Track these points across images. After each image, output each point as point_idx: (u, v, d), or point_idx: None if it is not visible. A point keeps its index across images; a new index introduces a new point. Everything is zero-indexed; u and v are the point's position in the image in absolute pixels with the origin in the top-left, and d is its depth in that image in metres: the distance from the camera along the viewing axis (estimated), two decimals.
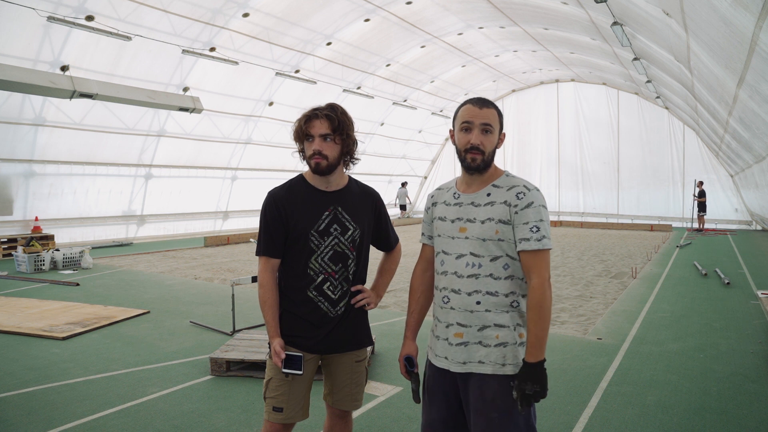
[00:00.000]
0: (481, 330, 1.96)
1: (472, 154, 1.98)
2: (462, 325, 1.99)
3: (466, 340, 1.97)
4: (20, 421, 3.52)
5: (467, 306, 1.97)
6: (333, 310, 2.25)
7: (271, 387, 2.23)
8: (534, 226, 1.92)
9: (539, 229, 1.92)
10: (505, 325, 1.95)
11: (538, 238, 1.91)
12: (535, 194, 1.97)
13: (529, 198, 1.95)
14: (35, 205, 12.65)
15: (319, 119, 2.18)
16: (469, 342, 1.97)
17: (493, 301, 1.95)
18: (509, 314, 1.96)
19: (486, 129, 1.98)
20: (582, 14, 12.14)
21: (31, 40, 10.52)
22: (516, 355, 1.94)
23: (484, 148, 1.98)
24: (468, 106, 2.02)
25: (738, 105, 8.06)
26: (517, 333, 1.96)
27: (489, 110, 2.00)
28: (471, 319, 1.97)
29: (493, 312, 1.95)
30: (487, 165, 2.02)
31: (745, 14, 4.35)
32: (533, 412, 1.96)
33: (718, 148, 16.95)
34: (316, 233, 2.21)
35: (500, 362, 1.93)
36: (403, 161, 24.92)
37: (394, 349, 5.07)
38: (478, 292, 1.96)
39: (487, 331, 1.95)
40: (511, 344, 1.94)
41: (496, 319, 1.95)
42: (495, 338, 1.94)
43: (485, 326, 1.95)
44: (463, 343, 1.98)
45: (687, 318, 6.27)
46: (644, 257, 11.96)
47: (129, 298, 7.41)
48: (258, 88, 15.63)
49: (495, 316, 1.95)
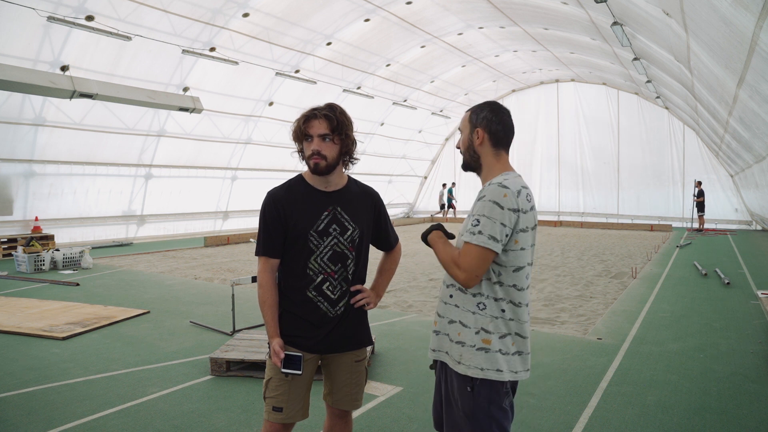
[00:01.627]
0: (450, 324, 2.02)
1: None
2: (438, 315, 2.08)
3: (438, 329, 2.07)
4: (20, 421, 3.52)
5: (444, 298, 2.07)
6: (332, 310, 2.24)
7: (270, 387, 2.23)
8: (475, 219, 1.89)
9: (479, 222, 1.87)
10: (468, 325, 1.96)
11: (473, 232, 1.87)
12: (493, 189, 1.90)
13: (484, 191, 1.94)
14: (35, 205, 12.64)
15: (318, 119, 2.18)
16: (440, 332, 2.05)
17: (462, 298, 1.99)
18: (474, 315, 1.95)
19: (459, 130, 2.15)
20: (582, 14, 12.14)
21: (31, 40, 10.52)
22: (472, 357, 1.92)
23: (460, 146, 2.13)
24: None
25: (738, 105, 8.06)
26: (480, 338, 1.92)
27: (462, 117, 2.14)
28: (444, 311, 2.05)
29: (460, 308, 1.99)
30: (467, 165, 2.12)
31: (745, 14, 4.35)
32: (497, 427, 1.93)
33: (718, 148, 16.95)
34: (316, 233, 2.21)
35: (456, 359, 1.97)
36: (403, 161, 24.91)
37: (394, 349, 5.07)
38: (453, 286, 2.03)
39: (453, 326, 2.00)
40: (469, 346, 1.94)
41: (461, 316, 1.98)
42: (457, 335, 1.98)
43: (452, 321, 2.01)
44: (436, 331, 2.08)
45: (687, 318, 6.27)
46: (644, 257, 11.96)
47: (129, 298, 7.41)
48: (258, 88, 15.63)
49: (461, 313, 1.99)
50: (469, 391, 1.92)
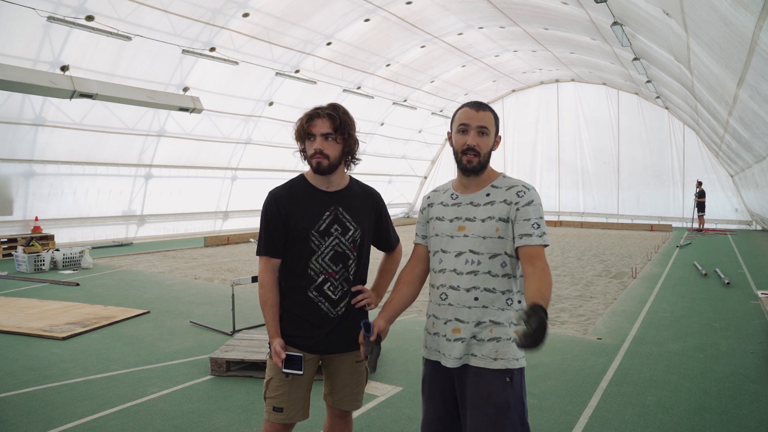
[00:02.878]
0: (477, 325, 2.01)
1: (468, 156, 2.04)
2: (459, 320, 2.04)
3: (463, 335, 2.02)
4: (20, 421, 3.52)
5: (465, 302, 2.03)
6: (333, 311, 2.24)
7: (271, 387, 2.23)
8: (535, 223, 1.99)
9: (539, 225, 2.00)
10: (500, 321, 2.00)
11: (540, 234, 1.98)
12: (534, 193, 2.05)
13: (529, 196, 2.03)
14: (35, 205, 12.64)
15: (321, 118, 2.18)
16: (465, 337, 2.02)
17: (491, 298, 2.01)
18: (504, 312, 2.02)
19: (482, 131, 2.05)
20: (582, 14, 12.14)
21: (31, 40, 10.51)
22: (509, 350, 1.98)
23: (480, 149, 2.04)
24: (465, 109, 2.09)
25: (738, 105, 8.06)
26: (512, 330, 2.01)
27: (485, 113, 2.06)
28: (469, 315, 2.02)
29: (489, 308, 2.01)
30: (483, 167, 2.08)
31: (745, 14, 4.35)
32: (526, 410, 2.02)
33: (718, 148, 16.95)
34: (317, 233, 2.21)
35: (492, 356, 1.98)
36: (403, 161, 24.91)
37: (394, 349, 5.07)
38: (476, 289, 2.02)
39: (482, 327, 2.01)
40: (504, 339, 1.99)
41: (492, 315, 2.01)
42: (489, 333, 2.00)
43: (481, 322, 2.01)
44: (460, 338, 2.02)
45: (687, 318, 6.27)
46: (644, 257, 11.96)
47: (129, 298, 7.41)
48: (258, 88, 15.63)
49: (492, 312, 2.01)
50: (507, 382, 1.97)
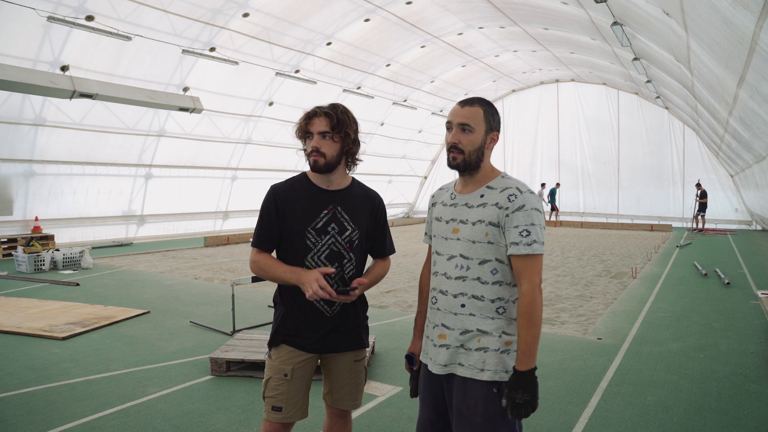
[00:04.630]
0: (463, 334, 1.93)
1: (453, 153, 1.98)
2: (446, 326, 1.97)
3: (448, 342, 1.95)
4: (20, 421, 3.52)
5: (452, 308, 1.96)
6: (329, 310, 2.24)
7: (270, 386, 2.23)
8: (524, 230, 1.86)
9: (529, 233, 1.85)
10: (488, 331, 1.91)
11: (528, 242, 1.85)
12: (527, 197, 1.90)
13: (521, 200, 1.89)
14: (35, 205, 12.64)
15: (319, 117, 2.20)
16: (450, 345, 1.95)
17: (479, 306, 1.92)
18: (494, 321, 1.92)
19: (464, 128, 1.96)
20: (582, 14, 12.14)
21: (31, 40, 10.51)
22: (498, 361, 1.89)
23: (463, 146, 1.96)
24: (453, 106, 2.03)
25: (738, 105, 8.06)
26: (503, 340, 1.91)
27: (471, 108, 1.97)
28: (454, 322, 1.95)
29: (477, 316, 1.92)
30: (469, 165, 1.98)
31: (745, 14, 4.35)
32: (518, 421, 1.92)
33: (718, 148, 16.95)
34: (313, 231, 2.21)
35: (479, 367, 1.89)
36: (403, 161, 24.92)
37: (394, 349, 5.07)
38: (464, 295, 1.94)
39: (468, 335, 1.92)
40: (493, 350, 1.89)
41: (479, 324, 1.92)
42: (476, 342, 1.91)
43: (467, 330, 1.92)
44: (445, 345, 1.96)
45: (687, 318, 6.27)
46: (644, 257, 11.96)
47: (129, 298, 7.41)
48: (258, 88, 15.63)
49: (478, 321, 1.92)
50: (495, 392, 1.87)
